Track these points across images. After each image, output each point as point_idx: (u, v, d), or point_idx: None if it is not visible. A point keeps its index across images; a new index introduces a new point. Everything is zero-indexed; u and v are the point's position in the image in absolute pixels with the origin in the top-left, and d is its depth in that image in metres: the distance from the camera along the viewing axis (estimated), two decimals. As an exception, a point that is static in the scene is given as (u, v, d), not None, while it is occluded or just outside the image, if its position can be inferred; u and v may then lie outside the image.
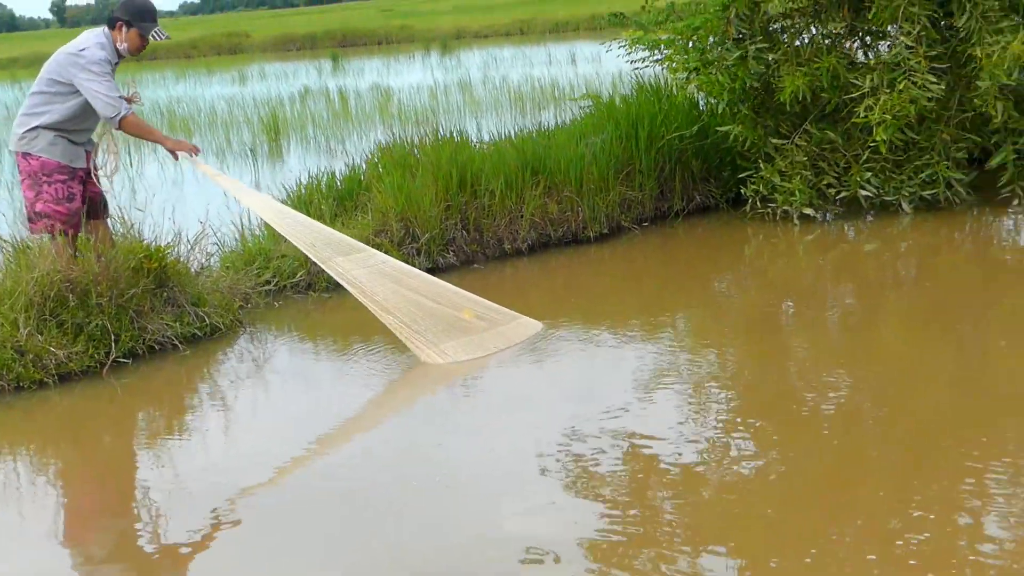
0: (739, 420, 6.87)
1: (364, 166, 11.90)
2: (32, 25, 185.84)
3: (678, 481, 6.03)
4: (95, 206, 9.06)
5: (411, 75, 34.03)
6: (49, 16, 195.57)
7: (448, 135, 11.81)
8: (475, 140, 12.21)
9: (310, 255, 8.72)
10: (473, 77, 29.23)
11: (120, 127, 8.79)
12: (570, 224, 11.40)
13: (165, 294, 9.04)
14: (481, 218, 11.03)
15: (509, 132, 13.05)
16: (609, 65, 27.44)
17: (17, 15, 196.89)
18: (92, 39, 8.81)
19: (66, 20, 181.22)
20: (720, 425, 6.78)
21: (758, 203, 11.73)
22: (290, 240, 8.80)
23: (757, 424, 6.73)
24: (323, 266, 8.66)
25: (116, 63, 8.89)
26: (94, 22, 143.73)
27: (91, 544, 6.13)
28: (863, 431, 6.57)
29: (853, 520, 5.44)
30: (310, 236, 8.76)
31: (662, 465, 6.21)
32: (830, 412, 6.81)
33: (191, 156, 8.97)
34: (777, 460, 6.20)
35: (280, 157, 19.29)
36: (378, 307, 8.43)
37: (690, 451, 6.36)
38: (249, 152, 19.36)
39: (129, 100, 8.79)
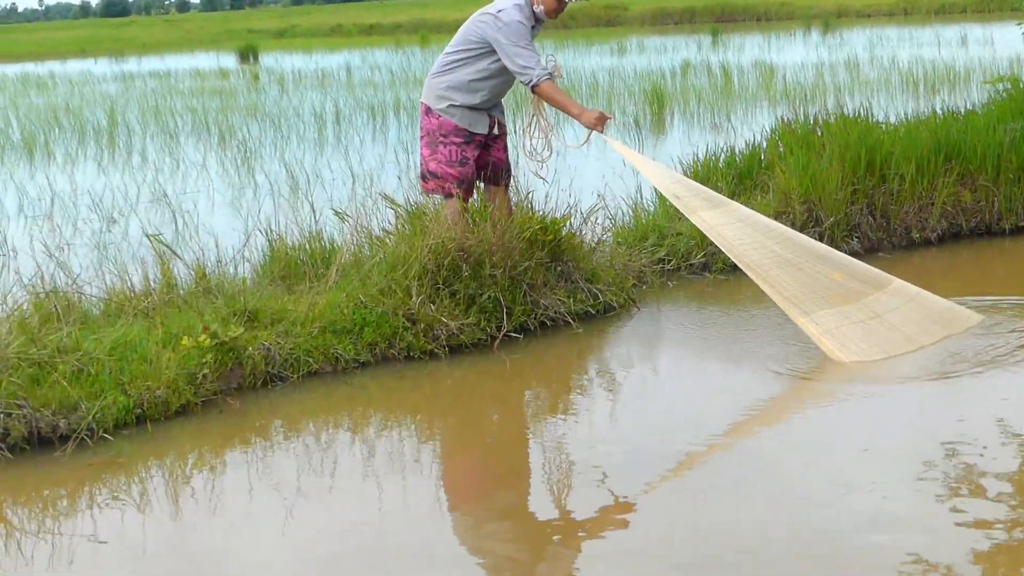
0: None
1: (764, 143, 11.33)
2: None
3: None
4: (496, 173, 8.81)
5: (793, 52, 33.23)
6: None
7: (854, 114, 11.15)
8: (878, 121, 11.51)
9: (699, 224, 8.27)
10: (860, 56, 28.27)
11: (534, 91, 8.53)
12: (983, 214, 10.69)
13: (559, 268, 8.71)
14: (888, 204, 10.40)
15: (903, 113, 12.34)
16: (1004, 48, 26.31)
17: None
18: (512, 3, 8.56)
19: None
20: None
21: None
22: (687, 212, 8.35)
23: None
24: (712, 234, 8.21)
25: (534, 26, 8.62)
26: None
27: (472, 516, 6.01)
28: None
29: None
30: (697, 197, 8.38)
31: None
32: None
33: (602, 132, 8.58)
34: None
35: (663, 130, 18.95)
36: (754, 272, 7.96)
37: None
38: (633, 123, 19.01)
39: (550, 74, 8.49)
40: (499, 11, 8.51)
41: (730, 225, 8.21)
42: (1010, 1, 53.52)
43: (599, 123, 8.48)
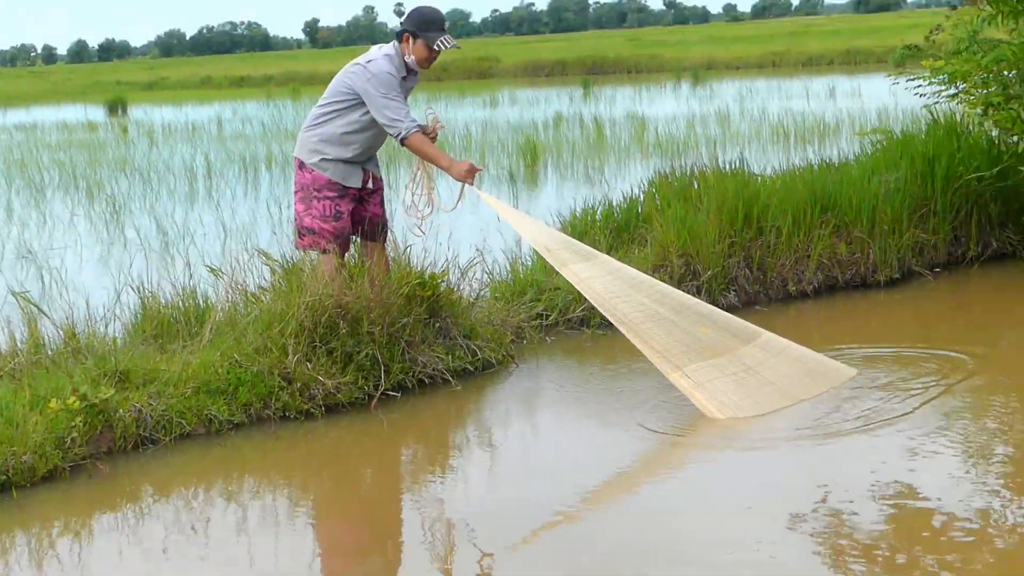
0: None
1: (641, 196, 11.30)
2: (285, 45, 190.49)
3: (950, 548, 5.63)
4: (373, 229, 8.68)
5: (664, 104, 33.51)
6: (301, 36, 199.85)
7: (730, 167, 11.16)
8: (754, 173, 11.54)
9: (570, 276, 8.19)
10: (730, 108, 28.55)
11: (403, 144, 8.42)
12: (859, 267, 10.72)
13: (437, 324, 8.59)
14: (765, 257, 10.39)
15: (775, 165, 12.42)
16: (872, 100, 26.69)
17: (271, 35, 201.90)
18: (380, 52, 8.50)
19: (317, 40, 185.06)
20: (1002, 491, 6.31)
21: (1065, 253, 10.83)
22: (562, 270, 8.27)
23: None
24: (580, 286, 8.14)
25: (406, 77, 8.52)
26: (344, 44, 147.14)
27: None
28: None
29: None
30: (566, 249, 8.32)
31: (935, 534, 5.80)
32: None
33: (474, 186, 8.50)
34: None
35: (537, 183, 18.92)
36: (625, 326, 7.89)
37: (965, 518, 5.92)
38: (508, 176, 18.96)
39: (427, 129, 8.41)
40: (368, 61, 8.41)
41: (600, 278, 8.15)
42: (876, 54, 54.87)
43: (469, 175, 8.43)
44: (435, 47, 8.45)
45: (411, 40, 8.46)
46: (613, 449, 7.30)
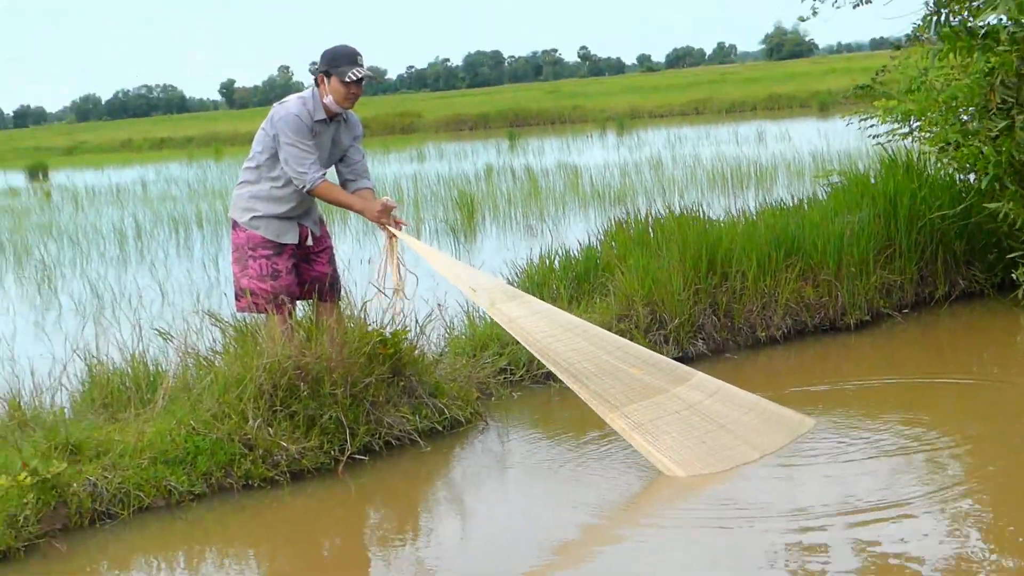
0: (998, 532, 6.26)
1: (598, 245, 10.99)
2: (201, 106, 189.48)
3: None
4: (321, 288, 8.30)
5: (593, 154, 33.36)
6: (218, 97, 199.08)
7: (690, 211, 10.89)
8: (714, 217, 11.31)
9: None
10: (662, 155, 28.43)
11: (312, 195, 8.13)
12: (827, 310, 10.46)
13: (401, 383, 8.21)
14: (732, 303, 10.11)
15: (722, 211, 12.16)
16: (804, 143, 26.75)
17: (187, 96, 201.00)
18: (296, 96, 8.23)
19: (234, 101, 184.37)
20: (976, 537, 6.18)
21: (1032, 289, 10.59)
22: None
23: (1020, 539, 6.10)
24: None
25: (326, 120, 8.18)
26: (261, 103, 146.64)
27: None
28: None
29: None
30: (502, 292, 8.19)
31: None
32: None
33: (397, 229, 8.27)
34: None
35: (475, 235, 18.61)
36: (558, 367, 7.64)
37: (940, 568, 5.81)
38: (450, 230, 18.66)
39: (395, 223, 8.23)
40: (280, 104, 8.17)
41: (529, 318, 7.91)
42: (800, 99, 55.22)
43: (384, 214, 8.17)
44: (346, 78, 8.08)
45: (325, 80, 8.13)
46: (587, 508, 7.02)
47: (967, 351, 10.17)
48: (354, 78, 8.12)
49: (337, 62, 8.11)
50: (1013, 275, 10.78)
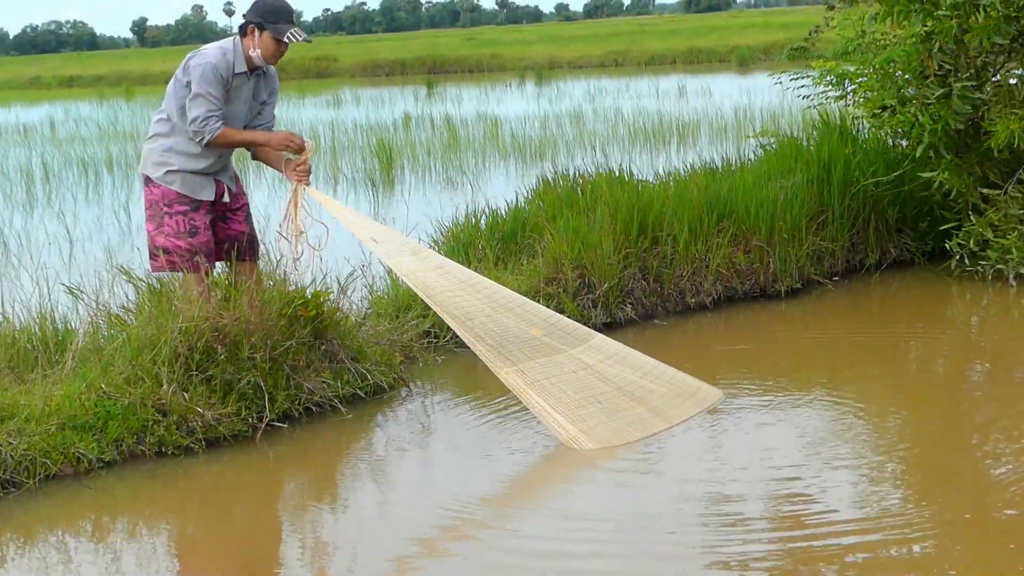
0: (916, 495, 6.32)
1: (524, 204, 10.71)
2: (112, 44, 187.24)
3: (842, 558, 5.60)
4: (240, 247, 7.95)
5: (513, 104, 33.10)
6: (129, 35, 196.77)
7: (619, 172, 10.64)
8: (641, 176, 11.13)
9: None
10: (582, 108, 28.21)
11: (210, 145, 7.70)
12: (758, 277, 10.25)
13: (323, 347, 7.91)
14: (662, 268, 9.87)
15: (646, 168, 11.93)
16: (726, 100, 26.66)
17: (98, 34, 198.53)
18: (216, 45, 7.80)
19: (146, 40, 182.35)
20: (896, 500, 6.25)
21: (966, 259, 10.44)
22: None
23: (939, 500, 6.21)
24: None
25: (246, 73, 7.77)
26: (174, 43, 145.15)
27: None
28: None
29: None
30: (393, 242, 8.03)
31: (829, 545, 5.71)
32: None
33: (302, 184, 7.92)
34: (958, 539, 5.75)
35: (393, 186, 18.26)
36: (456, 321, 7.47)
37: (862, 525, 5.89)
38: (369, 181, 18.31)
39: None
40: (198, 53, 7.75)
41: (429, 272, 7.69)
42: (719, 53, 55.13)
43: (288, 141, 7.76)
44: (284, 39, 7.71)
45: (256, 32, 7.70)
46: (510, 471, 6.98)
47: (895, 319, 10.01)
48: (294, 40, 7.74)
49: (275, 18, 7.68)
50: (946, 245, 10.69)
